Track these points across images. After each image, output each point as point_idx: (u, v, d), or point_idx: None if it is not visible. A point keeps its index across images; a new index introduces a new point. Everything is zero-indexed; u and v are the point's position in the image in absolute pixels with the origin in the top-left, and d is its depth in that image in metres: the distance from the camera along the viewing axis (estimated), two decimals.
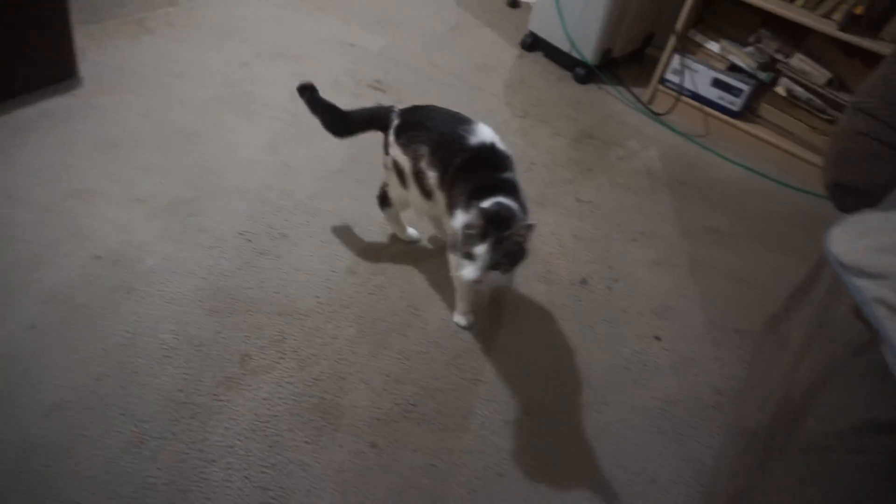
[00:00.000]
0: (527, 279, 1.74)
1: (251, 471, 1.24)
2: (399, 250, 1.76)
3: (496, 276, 1.31)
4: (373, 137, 2.12)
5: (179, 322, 1.46)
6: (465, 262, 1.28)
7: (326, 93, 2.33)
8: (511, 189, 1.40)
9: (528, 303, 1.69)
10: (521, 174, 2.09)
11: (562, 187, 2.10)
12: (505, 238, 1.25)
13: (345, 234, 1.77)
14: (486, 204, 1.32)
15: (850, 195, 1.11)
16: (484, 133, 1.45)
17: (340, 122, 1.62)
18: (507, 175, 1.42)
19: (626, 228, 1.99)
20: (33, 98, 1.95)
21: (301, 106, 2.26)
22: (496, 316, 1.64)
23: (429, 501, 1.25)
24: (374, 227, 1.80)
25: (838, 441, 0.72)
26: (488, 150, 1.43)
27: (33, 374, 1.32)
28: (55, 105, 1.97)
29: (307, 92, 1.61)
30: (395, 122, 1.53)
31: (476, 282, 1.28)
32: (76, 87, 2.05)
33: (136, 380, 1.34)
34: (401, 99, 2.28)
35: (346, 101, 2.26)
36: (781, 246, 2.05)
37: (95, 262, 1.55)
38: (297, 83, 1.62)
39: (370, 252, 1.73)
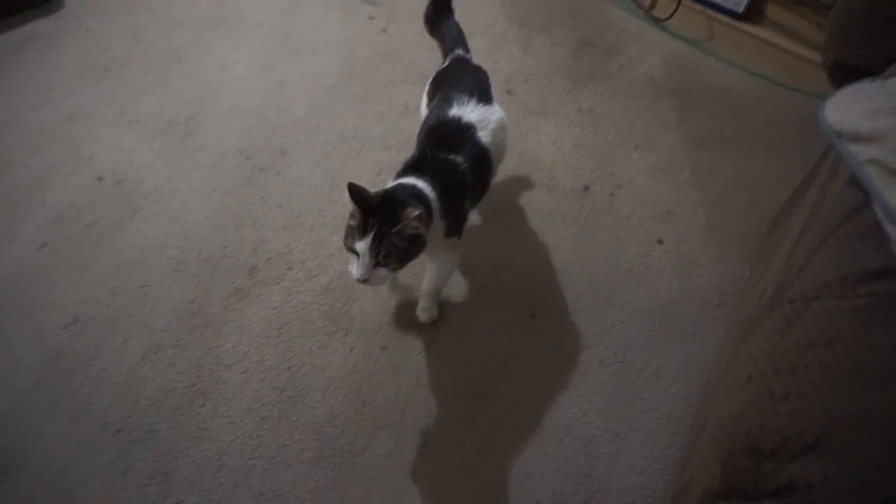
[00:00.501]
0: (530, 188, 1.74)
1: (267, 374, 1.28)
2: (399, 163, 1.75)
3: (386, 275, 1.09)
4: (367, 51, 2.08)
5: (187, 238, 1.48)
6: (351, 257, 1.08)
7: (316, 8, 2.26)
8: (446, 174, 1.19)
9: (531, 211, 1.70)
10: (520, 85, 2.08)
11: (562, 97, 2.06)
12: (391, 233, 1.04)
13: (344, 148, 1.75)
14: (388, 186, 1.14)
15: (851, 75, 1.09)
16: (472, 113, 1.28)
17: (438, 16, 1.54)
18: (454, 157, 1.21)
19: (627, 136, 1.97)
20: (16, 21, 1.90)
21: (294, 23, 2.17)
22: (499, 227, 1.65)
23: (438, 399, 1.30)
24: (374, 140, 1.79)
25: (825, 290, 0.74)
26: (458, 128, 1.26)
27: (49, 290, 1.35)
28: (40, 28, 1.92)
29: None
30: (445, 64, 1.45)
31: (362, 281, 1.06)
32: (60, 9, 2.00)
33: (149, 293, 1.37)
34: (394, 11, 2.21)
35: (336, 17, 2.20)
36: (785, 149, 2.03)
37: (98, 183, 1.55)
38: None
39: (371, 166, 1.72)
